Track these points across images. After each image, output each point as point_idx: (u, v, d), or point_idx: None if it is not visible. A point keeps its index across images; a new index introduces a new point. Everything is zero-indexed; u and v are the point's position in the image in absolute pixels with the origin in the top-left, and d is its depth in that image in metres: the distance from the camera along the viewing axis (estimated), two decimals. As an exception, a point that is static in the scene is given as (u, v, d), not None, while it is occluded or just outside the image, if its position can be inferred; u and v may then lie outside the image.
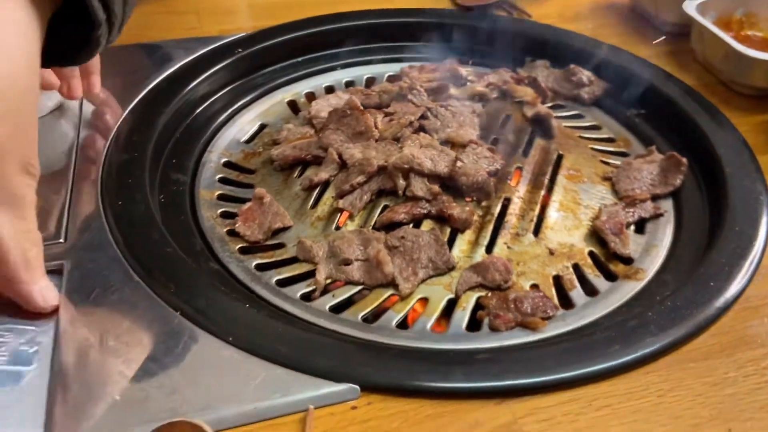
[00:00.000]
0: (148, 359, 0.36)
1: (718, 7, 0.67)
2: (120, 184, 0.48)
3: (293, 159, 0.55)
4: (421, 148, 0.53)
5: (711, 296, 0.42)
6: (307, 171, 0.54)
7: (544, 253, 0.49)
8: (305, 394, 0.35)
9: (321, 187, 0.53)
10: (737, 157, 0.54)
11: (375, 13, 0.73)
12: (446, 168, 0.51)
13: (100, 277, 0.41)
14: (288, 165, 0.56)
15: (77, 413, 0.34)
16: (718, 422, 0.35)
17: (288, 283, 0.46)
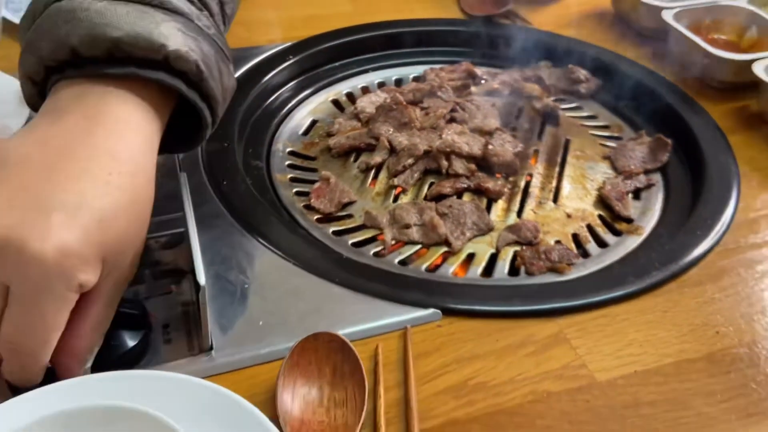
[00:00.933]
0: (279, 297, 0.47)
1: (690, 15, 0.80)
2: (220, 169, 0.58)
3: (349, 147, 0.66)
4: (458, 134, 0.65)
5: (698, 241, 0.54)
6: (362, 156, 0.65)
7: (563, 216, 0.61)
8: (402, 317, 0.46)
9: (375, 169, 0.64)
10: (711, 137, 0.66)
11: (398, 23, 0.83)
12: (479, 150, 0.63)
13: (221, 240, 0.51)
14: (344, 152, 0.66)
15: (233, 335, 0.44)
16: (708, 327, 0.47)
17: (361, 245, 0.57)
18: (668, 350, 0.45)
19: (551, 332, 0.46)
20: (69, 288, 0.34)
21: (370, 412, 0.40)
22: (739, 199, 0.59)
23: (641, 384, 0.43)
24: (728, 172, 0.62)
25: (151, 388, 0.38)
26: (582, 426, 0.40)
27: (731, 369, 0.44)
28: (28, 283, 0.33)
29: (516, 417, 0.41)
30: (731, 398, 0.42)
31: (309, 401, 0.40)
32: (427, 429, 0.40)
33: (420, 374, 0.43)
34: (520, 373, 0.43)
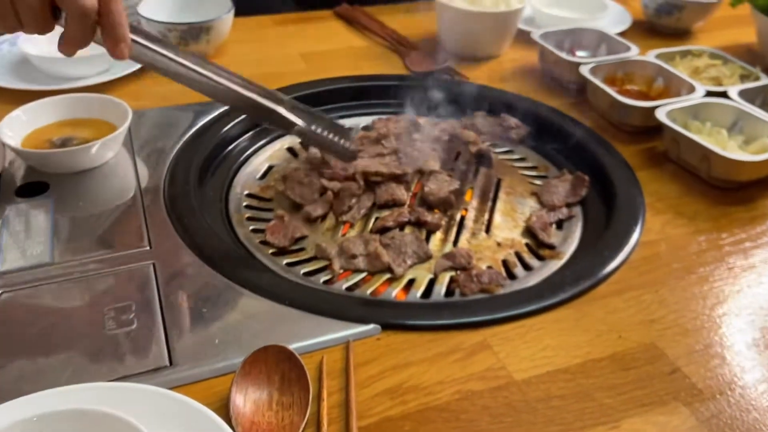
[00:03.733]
0: (234, 319, 0.52)
1: (604, 69, 0.90)
2: (181, 209, 0.64)
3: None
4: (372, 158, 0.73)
5: (606, 261, 0.61)
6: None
7: (494, 245, 0.68)
8: (345, 332, 0.52)
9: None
10: (622, 173, 0.75)
11: (349, 78, 0.92)
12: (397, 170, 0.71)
13: (182, 272, 0.57)
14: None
15: (192, 352, 0.49)
16: (612, 333, 0.54)
17: (312, 274, 0.63)
18: (577, 352, 0.52)
19: (476, 341, 0.52)
20: None
21: (314, 413, 0.46)
22: (644, 225, 0.67)
23: (552, 381, 0.49)
24: (635, 202, 0.70)
25: (118, 397, 0.43)
26: (501, 418, 0.46)
27: (630, 367, 0.51)
28: None
29: (443, 413, 0.47)
30: (629, 391, 0.49)
31: (259, 405, 0.45)
32: (364, 426, 0.45)
33: (360, 380, 0.48)
34: (449, 375, 0.49)
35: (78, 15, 0.49)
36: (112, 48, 0.51)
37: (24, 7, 0.48)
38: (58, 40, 0.51)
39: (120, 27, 0.51)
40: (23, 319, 0.51)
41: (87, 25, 0.49)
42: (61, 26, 0.51)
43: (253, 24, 1.08)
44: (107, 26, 0.50)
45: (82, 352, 0.49)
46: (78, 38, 0.50)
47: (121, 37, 0.51)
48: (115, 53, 0.52)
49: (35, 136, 0.70)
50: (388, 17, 1.11)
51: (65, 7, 0.49)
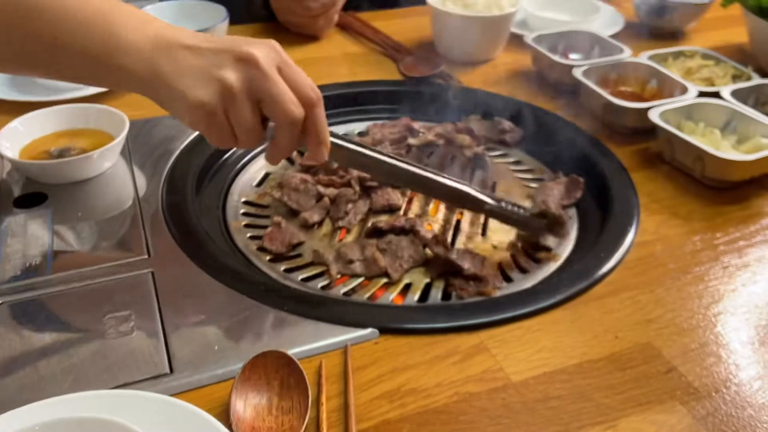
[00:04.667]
0: (233, 325, 0.53)
1: (597, 71, 0.91)
2: (179, 217, 0.65)
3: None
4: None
5: (602, 262, 0.62)
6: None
7: (490, 247, 0.68)
8: (343, 337, 0.52)
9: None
10: (617, 175, 0.76)
11: (344, 85, 0.93)
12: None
13: (180, 279, 0.57)
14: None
15: (192, 359, 0.50)
16: (609, 333, 0.54)
17: (309, 279, 0.64)
18: (574, 353, 0.52)
19: (474, 343, 0.53)
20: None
21: (314, 417, 0.46)
22: (639, 226, 0.67)
23: (549, 382, 0.50)
24: (630, 203, 0.71)
25: (120, 405, 0.43)
26: (499, 419, 0.47)
27: (627, 366, 0.51)
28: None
29: (442, 415, 0.47)
30: (626, 390, 0.49)
31: (259, 410, 0.46)
32: (364, 429, 0.46)
33: (358, 384, 0.49)
34: (447, 378, 0.50)
35: (288, 125, 0.50)
36: (314, 150, 0.53)
37: (240, 123, 0.50)
38: (266, 151, 0.53)
39: (323, 132, 0.53)
40: (23, 329, 0.52)
41: (296, 133, 0.51)
42: (267, 138, 0.52)
43: (246, 32, 1.08)
44: (311, 132, 0.52)
45: (83, 361, 0.49)
46: (286, 147, 0.52)
47: (323, 140, 0.53)
48: (316, 156, 0.53)
49: (33, 147, 0.71)
50: (382, 23, 1.12)
51: (275, 119, 0.50)
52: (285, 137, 0.51)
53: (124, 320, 0.53)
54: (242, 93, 0.49)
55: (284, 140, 0.51)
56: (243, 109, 0.49)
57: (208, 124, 0.50)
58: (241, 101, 0.49)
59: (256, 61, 0.48)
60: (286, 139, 0.51)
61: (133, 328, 0.52)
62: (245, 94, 0.49)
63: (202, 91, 0.48)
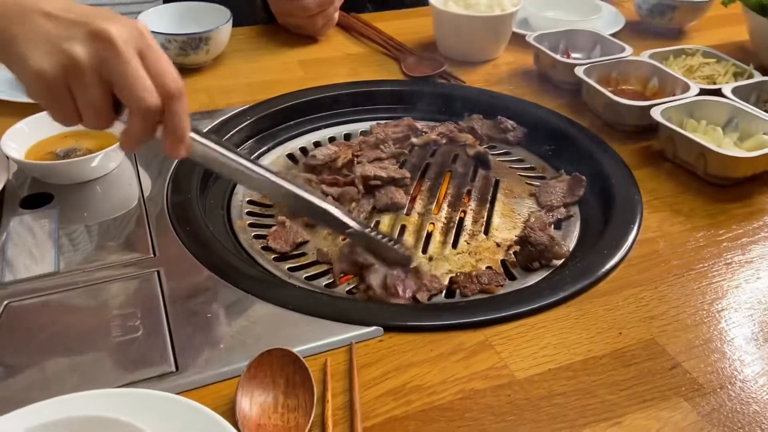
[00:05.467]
0: (238, 324, 0.53)
1: (599, 70, 0.91)
2: (184, 217, 0.65)
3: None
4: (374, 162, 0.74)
5: (605, 259, 0.62)
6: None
7: (493, 245, 0.69)
8: (348, 334, 0.52)
9: (326, 213, 0.71)
10: (619, 173, 0.76)
11: (347, 85, 0.93)
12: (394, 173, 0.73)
13: (186, 278, 0.58)
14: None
15: (198, 357, 0.50)
16: (613, 329, 0.55)
17: (313, 278, 0.64)
18: (578, 350, 0.52)
19: (478, 341, 0.53)
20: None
21: (319, 415, 0.46)
22: (641, 223, 0.67)
23: (554, 379, 0.50)
24: (633, 201, 0.71)
25: (126, 403, 0.44)
26: (504, 416, 0.47)
27: (631, 363, 0.52)
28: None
29: (447, 412, 0.47)
30: (631, 387, 0.50)
31: (265, 408, 0.46)
32: (369, 427, 0.46)
33: (363, 382, 0.49)
34: (451, 375, 0.50)
35: (141, 113, 0.48)
36: (170, 147, 0.51)
37: (85, 102, 0.48)
38: (120, 135, 0.50)
39: (182, 128, 0.50)
40: (30, 328, 0.52)
41: (150, 123, 0.49)
42: (122, 122, 0.50)
43: (251, 33, 1.09)
44: (168, 125, 0.50)
45: (89, 360, 0.49)
46: (139, 135, 0.49)
47: (182, 137, 0.50)
48: (172, 152, 0.51)
49: (39, 148, 0.71)
50: (384, 24, 1.12)
51: (129, 105, 0.48)
52: (136, 125, 0.48)
53: (130, 319, 0.53)
54: (90, 70, 0.46)
55: (135, 128, 0.49)
56: (90, 87, 0.47)
57: (49, 98, 0.47)
58: (88, 79, 0.46)
59: (111, 39, 0.46)
60: (138, 126, 0.48)
61: (139, 327, 0.52)
62: (93, 72, 0.46)
63: (44, 61, 0.45)
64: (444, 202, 0.74)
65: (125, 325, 0.52)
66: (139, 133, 0.49)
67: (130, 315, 0.53)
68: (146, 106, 0.47)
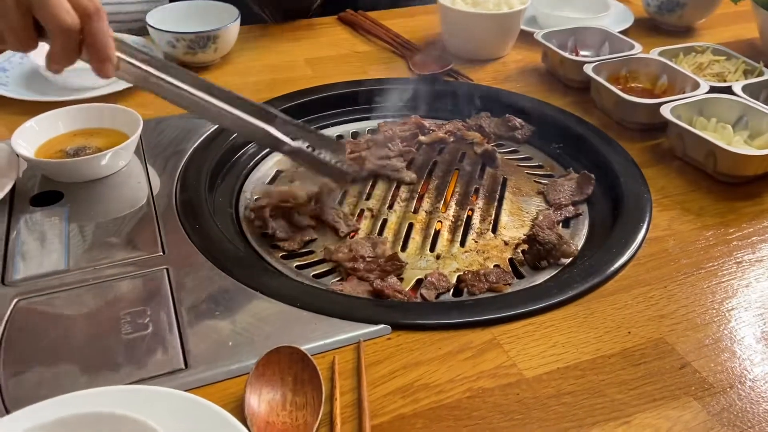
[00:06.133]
0: (247, 321, 0.53)
1: (608, 67, 0.91)
2: (192, 215, 0.65)
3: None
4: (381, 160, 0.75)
5: (614, 258, 0.62)
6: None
7: (501, 244, 0.68)
8: (355, 332, 0.53)
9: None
10: (628, 171, 0.75)
11: (354, 83, 0.93)
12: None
13: (195, 276, 0.58)
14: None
15: (207, 355, 0.50)
16: (621, 329, 0.54)
17: (321, 276, 0.64)
18: (586, 349, 0.52)
19: (486, 339, 0.53)
20: None
21: (328, 413, 0.46)
22: (650, 222, 0.67)
23: (562, 378, 0.50)
24: (642, 199, 0.70)
25: (135, 400, 0.44)
26: (512, 415, 0.47)
27: (640, 362, 0.51)
28: None
29: (455, 411, 0.47)
30: (640, 386, 0.49)
31: (273, 405, 0.46)
32: (377, 425, 0.46)
33: (371, 380, 0.49)
34: (459, 374, 0.50)
35: (59, 33, 0.50)
36: (96, 66, 0.53)
37: (5, 26, 0.50)
38: (45, 57, 0.52)
39: (104, 47, 0.52)
40: (40, 325, 0.52)
41: (70, 43, 0.51)
42: (46, 43, 0.52)
43: (258, 32, 1.09)
44: (90, 45, 0.52)
45: (99, 357, 0.50)
46: (62, 56, 0.52)
47: (105, 56, 0.52)
48: (99, 72, 0.53)
49: (48, 146, 0.72)
50: (392, 22, 1.12)
51: (46, 25, 0.50)
52: (58, 46, 0.51)
53: (139, 317, 0.53)
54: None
55: (58, 49, 0.51)
56: (10, 11, 0.49)
57: None
58: (8, 3, 0.48)
59: None
60: (59, 47, 0.51)
61: (148, 325, 0.52)
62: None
63: None
64: (452, 200, 0.74)
65: (135, 323, 0.53)
66: (61, 54, 0.52)
67: (140, 312, 0.54)
68: (64, 26, 0.50)
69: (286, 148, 0.60)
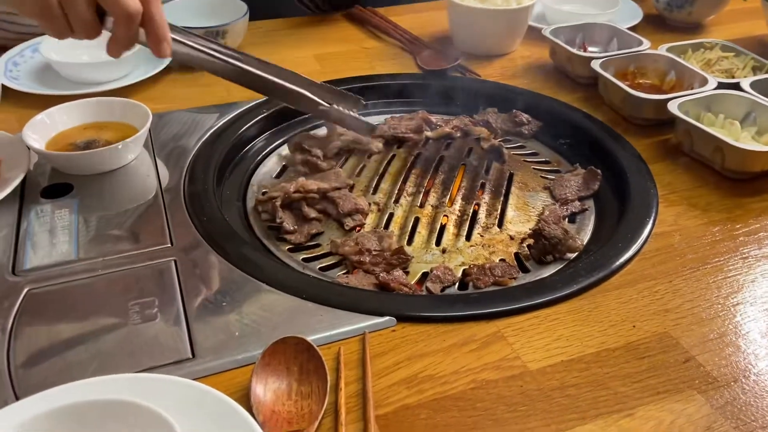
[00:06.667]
0: (253, 312, 0.54)
1: (616, 63, 0.91)
2: (200, 208, 0.66)
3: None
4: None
5: (619, 252, 0.62)
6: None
7: (507, 238, 0.69)
8: (361, 324, 0.53)
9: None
10: (635, 166, 0.75)
11: (362, 78, 0.93)
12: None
13: (202, 267, 0.58)
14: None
15: (213, 345, 0.51)
16: (626, 323, 0.55)
17: (327, 269, 0.64)
18: (591, 342, 0.52)
19: (491, 332, 0.53)
20: None
21: (332, 403, 0.47)
22: (657, 217, 0.67)
23: (567, 370, 0.50)
24: (648, 195, 0.70)
25: (143, 388, 0.45)
26: (516, 407, 0.47)
27: (645, 356, 0.51)
28: None
29: (459, 402, 0.47)
30: (644, 379, 0.49)
31: (279, 395, 0.47)
32: (381, 414, 0.46)
33: (376, 370, 0.49)
34: (464, 365, 0.50)
35: (124, 18, 0.54)
36: (156, 47, 0.57)
37: (73, 13, 0.53)
38: (107, 43, 0.57)
39: (162, 28, 0.56)
40: (50, 314, 0.53)
41: (132, 27, 0.55)
42: (108, 30, 0.55)
43: (267, 27, 1.09)
44: (151, 28, 0.56)
45: (108, 346, 0.50)
46: (124, 40, 0.56)
47: (163, 36, 0.57)
48: (159, 52, 0.57)
49: (59, 139, 0.72)
50: (399, 18, 1.12)
51: (112, 12, 0.54)
52: (122, 31, 0.55)
53: (147, 307, 0.54)
54: None
55: (121, 34, 0.55)
56: (78, 3, 0.53)
57: (43, 15, 0.53)
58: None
59: None
60: (123, 33, 0.55)
61: (156, 314, 0.53)
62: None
63: None
64: (458, 194, 0.74)
65: (143, 312, 0.53)
66: (124, 39, 0.56)
67: (148, 303, 0.54)
68: (128, 12, 0.53)
69: (322, 108, 0.71)
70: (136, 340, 0.51)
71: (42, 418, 0.40)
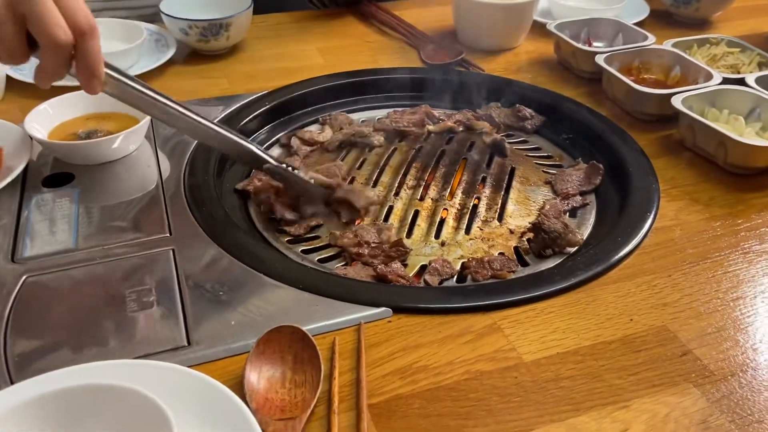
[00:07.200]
0: (250, 302, 0.54)
1: (620, 58, 0.90)
2: (200, 199, 0.66)
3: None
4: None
5: (618, 246, 0.61)
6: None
7: (506, 232, 0.68)
8: (357, 314, 0.53)
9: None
10: (637, 161, 0.75)
11: (365, 72, 0.93)
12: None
13: (200, 257, 0.59)
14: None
15: (209, 333, 0.51)
16: (623, 316, 0.54)
17: (326, 260, 0.64)
18: (587, 335, 0.52)
19: (486, 324, 0.53)
20: None
21: (326, 391, 0.47)
22: (658, 212, 0.67)
23: (562, 362, 0.50)
24: (650, 189, 0.70)
25: (139, 374, 0.45)
26: (509, 398, 0.47)
27: (641, 349, 0.51)
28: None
29: (452, 392, 0.47)
30: (640, 372, 0.49)
31: (272, 383, 0.47)
32: (374, 404, 0.46)
33: (371, 360, 0.49)
34: (458, 357, 0.50)
35: (52, 49, 0.50)
36: (85, 82, 0.53)
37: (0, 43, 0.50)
38: (34, 70, 0.52)
39: (94, 63, 0.52)
40: (48, 301, 0.53)
41: (61, 58, 0.51)
42: (37, 58, 0.52)
43: (271, 20, 1.09)
44: (81, 61, 0.51)
45: (105, 333, 0.51)
46: (51, 71, 0.52)
47: (93, 72, 0.52)
48: (87, 87, 0.53)
49: (61, 129, 0.73)
50: (404, 12, 1.12)
51: (39, 40, 0.50)
52: (49, 61, 0.51)
53: (145, 295, 0.54)
54: (3, 7, 0.48)
55: (48, 64, 0.51)
56: (3, 24, 0.48)
57: None
58: (2, 16, 0.48)
59: None
60: (50, 63, 0.51)
61: (153, 303, 0.53)
62: (7, 8, 0.48)
63: None
64: (458, 188, 0.74)
65: (140, 300, 0.54)
66: (52, 69, 0.51)
67: (145, 291, 0.54)
68: (57, 42, 0.49)
69: (267, 166, 0.65)
70: (133, 328, 0.51)
71: (34, 403, 0.40)
